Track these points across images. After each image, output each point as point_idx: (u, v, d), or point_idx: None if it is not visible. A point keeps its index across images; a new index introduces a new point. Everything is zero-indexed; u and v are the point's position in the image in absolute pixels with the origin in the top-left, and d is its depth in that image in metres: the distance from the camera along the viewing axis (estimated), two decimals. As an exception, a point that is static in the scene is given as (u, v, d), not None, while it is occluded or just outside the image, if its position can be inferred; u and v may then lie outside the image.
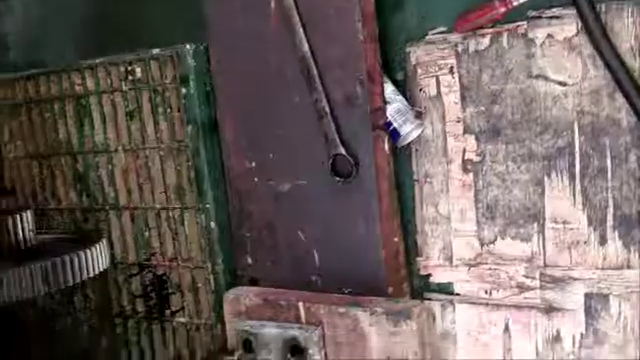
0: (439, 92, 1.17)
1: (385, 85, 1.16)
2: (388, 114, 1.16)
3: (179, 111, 1.27)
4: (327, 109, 1.14)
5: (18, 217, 1.19)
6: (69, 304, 1.25)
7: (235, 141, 1.26)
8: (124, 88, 1.31)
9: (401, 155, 1.21)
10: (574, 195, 1.09)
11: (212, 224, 1.28)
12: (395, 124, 1.16)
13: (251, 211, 1.27)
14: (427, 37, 1.17)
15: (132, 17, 1.44)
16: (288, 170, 1.22)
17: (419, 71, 1.17)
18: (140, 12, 1.43)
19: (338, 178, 1.15)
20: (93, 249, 1.18)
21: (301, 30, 1.14)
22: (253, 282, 1.28)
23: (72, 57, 1.51)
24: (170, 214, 1.32)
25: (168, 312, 1.37)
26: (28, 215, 1.21)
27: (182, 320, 1.36)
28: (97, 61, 1.35)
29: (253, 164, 1.25)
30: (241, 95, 1.23)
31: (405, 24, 1.18)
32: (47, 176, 1.47)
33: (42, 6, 1.58)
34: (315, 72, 1.13)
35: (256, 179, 1.25)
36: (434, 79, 1.17)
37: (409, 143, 1.20)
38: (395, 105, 1.16)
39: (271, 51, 1.18)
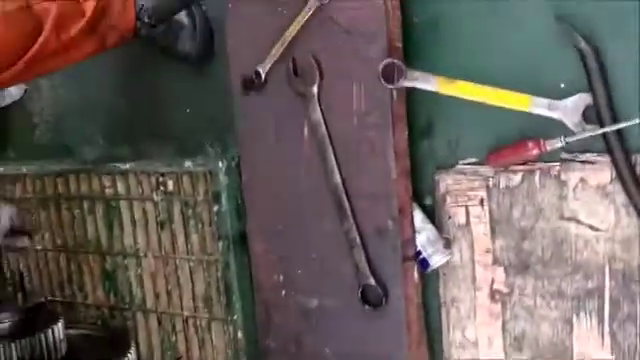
0: (468, 222, 1.17)
1: (415, 213, 1.17)
2: (418, 243, 1.17)
3: (210, 225, 1.29)
4: (358, 240, 1.15)
5: (50, 332, 1.20)
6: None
7: (264, 254, 1.27)
8: (155, 198, 1.33)
9: (429, 278, 1.22)
10: (602, 337, 1.10)
11: (239, 334, 1.30)
12: (425, 254, 1.17)
13: (278, 323, 1.28)
14: (457, 166, 1.18)
15: (162, 112, 1.47)
16: (317, 288, 1.23)
17: (448, 199, 1.18)
18: (172, 110, 1.45)
19: (367, 306, 1.16)
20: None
21: (334, 160, 1.15)
22: (278, 394, 1.30)
23: (98, 145, 1.54)
24: (198, 322, 1.34)
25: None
26: (60, 328, 1.23)
27: None
28: (128, 166, 1.37)
29: (281, 278, 1.27)
30: (272, 212, 1.25)
31: (435, 152, 1.19)
32: (75, 271, 1.48)
33: (69, 88, 1.60)
34: (346, 204, 1.15)
35: (284, 292, 1.27)
36: (463, 208, 1.18)
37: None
38: (425, 234, 1.17)
39: (302, 176, 1.20)
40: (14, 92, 1.64)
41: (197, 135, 1.42)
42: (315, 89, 1.15)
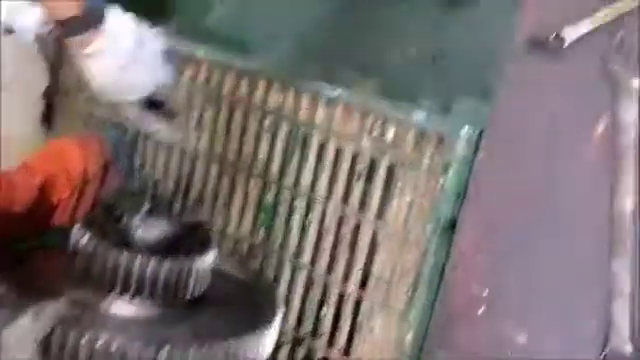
0: None
1: None
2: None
3: (421, 197, 1.03)
4: (628, 290, 0.88)
5: (201, 260, 0.97)
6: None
7: (472, 256, 1.01)
8: (364, 142, 1.07)
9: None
10: None
11: (409, 335, 1.05)
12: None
13: (459, 342, 1.02)
14: None
15: (377, 39, 1.20)
16: (535, 323, 0.97)
17: None
18: (391, 40, 1.18)
19: (604, 370, 0.90)
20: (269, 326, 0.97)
21: (632, 180, 0.88)
22: None
23: (284, 54, 1.29)
24: (361, 304, 1.10)
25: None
26: (210, 258, 1.00)
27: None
28: (338, 94, 1.11)
29: (485, 292, 1.01)
30: (503, 210, 0.98)
31: None
32: (224, 190, 1.24)
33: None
34: (631, 240, 0.87)
35: (482, 309, 1.01)
36: None
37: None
38: None
39: (569, 182, 0.93)
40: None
41: (412, 81, 1.16)
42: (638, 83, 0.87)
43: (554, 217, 0.94)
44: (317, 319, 1.15)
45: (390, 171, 1.06)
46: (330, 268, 1.13)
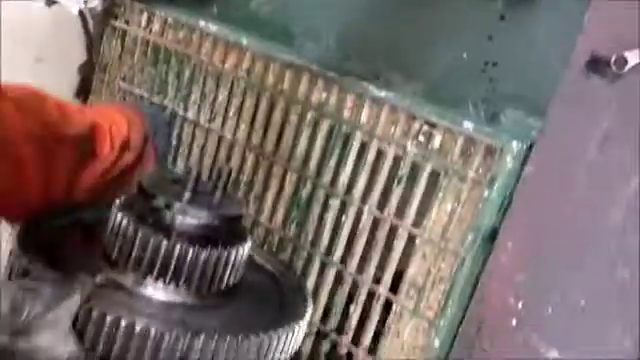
0: None
1: None
2: None
3: (463, 206, 1.02)
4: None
5: (237, 251, 0.97)
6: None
7: (509, 267, 1.00)
8: (408, 147, 1.07)
9: None
10: None
11: (436, 343, 1.05)
12: None
13: (488, 355, 1.03)
14: None
15: (426, 42, 1.19)
16: (566, 340, 0.96)
17: None
18: (441, 43, 1.17)
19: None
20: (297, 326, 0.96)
21: (681, 211, 0.87)
22: None
23: (327, 51, 1.28)
24: (392, 307, 1.09)
25: None
26: (247, 249, 0.99)
27: None
28: (384, 95, 1.10)
29: (520, 304, 1.00)
30: (545, 229, 0.98)
31: None
32: (259, 181, 1.24)
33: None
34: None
35: (515, 323, 1.00)
36: None
37: None
38: None
39: (615, 213, 0.91)
40: None
41: (459, 87, 1.15)
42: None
43: (595, 242, 0.93)
44: (344, 316, 1.15)
45: (433, 178, 1.05)
46: (361, 268, 1.13)
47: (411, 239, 1.08)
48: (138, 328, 0.83)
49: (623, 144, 0.93)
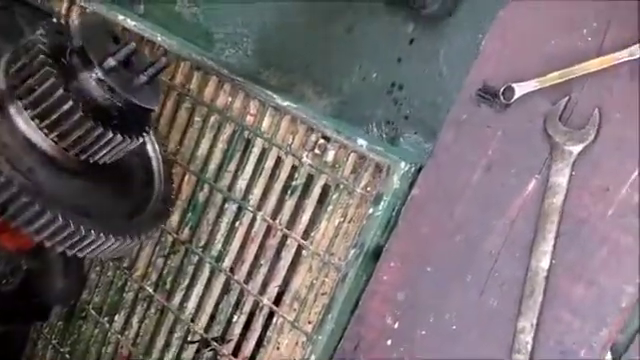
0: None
1: None
2: None
3: (349, 222, 1.02)
4: (529, 347, 0.89)
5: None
6: None
7: (388, 287, 1.01)
8: (304, 158, 1.06)
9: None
10: None
11: (313, 357, 1.04)
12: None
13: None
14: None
15: (339, 60, 1.20)
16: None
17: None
18: (351, 62, 1.18)
19: None
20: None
21: (551, 241, 0.88)
22: None
23: (244, 56, 1.28)
24: (273, 317, 1.08)
25: None
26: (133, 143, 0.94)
27: None
28: (286, 104, 1.10)
29: (396, 325, 1.00)
30: (425, 248, 0.98)
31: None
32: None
33: None
34: (540, 298, 0.88)
35: (390, 342, 1.00)
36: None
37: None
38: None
39: (490, 233, 0.93)
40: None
41: (366, 107, 1.16)
42: (579, 149, 0.88)
43: (473, 266, 0.94)
44: (228, 324, 1.13)
45: (324, 191, 1.05)
46: (249, 277, 1.12)
47: (299, 251, 1.07)
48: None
49: (505, 175, 0.94)
